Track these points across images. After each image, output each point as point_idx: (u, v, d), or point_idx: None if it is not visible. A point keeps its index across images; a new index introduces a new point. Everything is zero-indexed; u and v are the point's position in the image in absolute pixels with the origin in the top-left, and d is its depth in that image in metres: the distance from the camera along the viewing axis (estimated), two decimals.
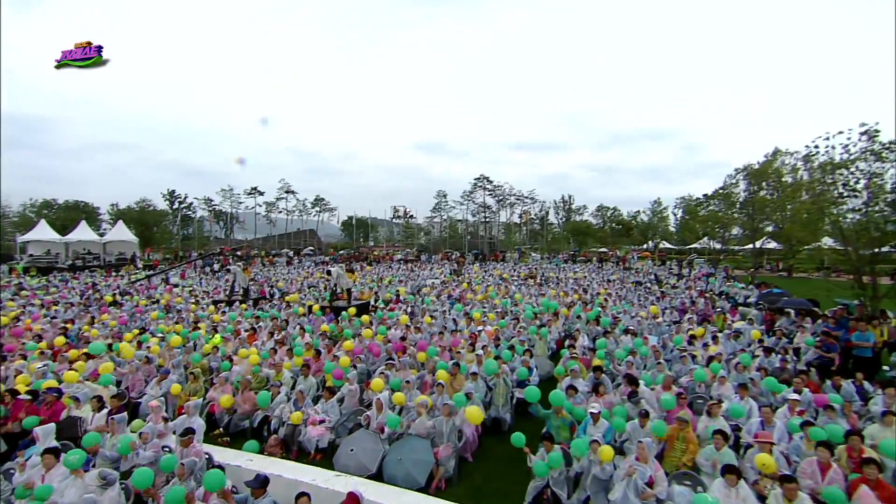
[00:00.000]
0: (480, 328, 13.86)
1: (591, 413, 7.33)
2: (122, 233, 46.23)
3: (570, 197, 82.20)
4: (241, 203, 71.61)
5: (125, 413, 7.06)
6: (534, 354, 11.75)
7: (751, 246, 35.54)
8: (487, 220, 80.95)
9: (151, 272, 33.80)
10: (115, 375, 9.71)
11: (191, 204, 70.92)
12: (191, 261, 41.70)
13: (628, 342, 12.85)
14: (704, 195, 40.07)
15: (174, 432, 7.03)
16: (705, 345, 12.00)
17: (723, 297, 22.65)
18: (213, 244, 63.07)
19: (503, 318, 15.39)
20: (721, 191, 36.22)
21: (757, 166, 31.82)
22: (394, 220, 70.59)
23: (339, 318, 14.52)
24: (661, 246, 55.06)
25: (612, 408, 8.12)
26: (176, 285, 27.15)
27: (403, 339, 12.24)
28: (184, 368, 10.17)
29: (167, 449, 6.51)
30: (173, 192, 69.97)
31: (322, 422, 7.83)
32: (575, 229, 69.65)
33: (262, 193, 71.38)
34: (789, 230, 23.50)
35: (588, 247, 61.92)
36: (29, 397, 8.23)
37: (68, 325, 14.35)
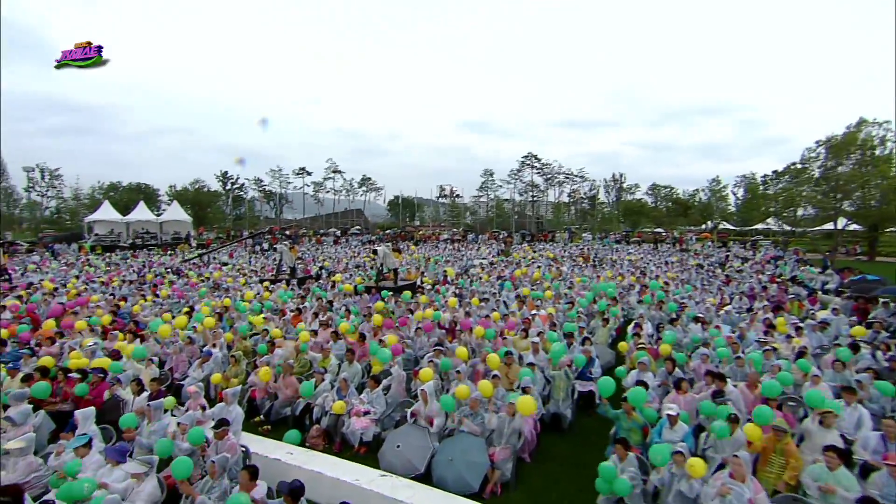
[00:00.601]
0: (534, 312, 12.97)
1: (669, 415, 6.39)
2: (177, 213, 47.90)
3: (621, 175, 78.63)
4: (289, 183, 72.79)
5: (162, 400, 6.69)
6: (593, 343, 10.80)
7: (826, 227, 32.55)
8: (535, 199, 78.89)
9: (204, 251, 34.67)
10: (161, 356, 9.55)
11: (242, 185, 72.73)
12: (241, 240, 42.62)
13: (698, 331, 11.67)
14: (774, 172, 36.92)
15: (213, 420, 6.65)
16: (788, 337, 10.64)
17: (796, 282, 20.65)
18: (263, 224, 64.56)
19: (557, 302, 14.45)
20: (796, 166, 33.09)
21: (840, 139, 28.71)
22: (439, 200, 69.81)
23: (385, 300, 13.97)
24: (721, 227, 51.75)
25: (692, 409, 7.15)
26: (225, 264, 27.61)
27: (454, 323, 11.48)
28: (227, 349, 9.90)
29: (206, 439, 6.11)
30: (226, 173, 71.89)
31: (367, 413, 7.25)
32: (628, 209, 66.61)
33: (309, 174, 72.27)
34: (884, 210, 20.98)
35: (641, 227, 59.19)
36: (79, 376, 8.10)
37: (121, 303, 14.53)
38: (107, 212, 45.11)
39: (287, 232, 46.23)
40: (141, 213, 46.56)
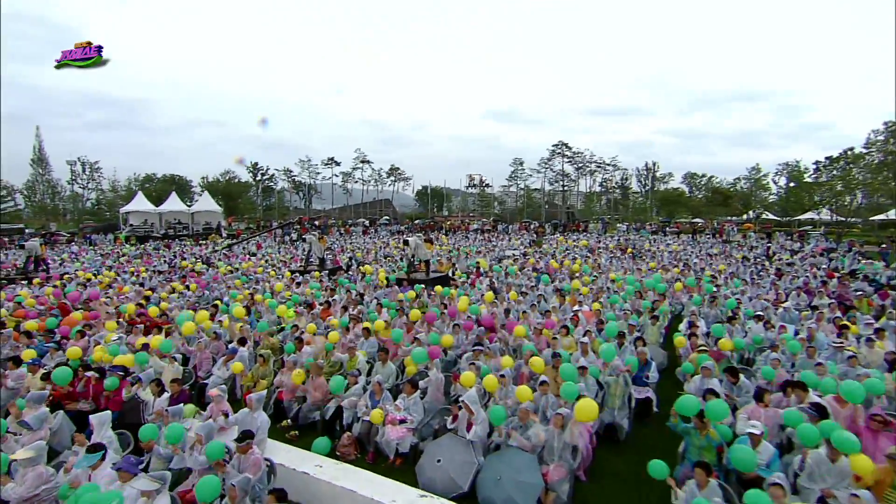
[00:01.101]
0: (577, 308, 12.10)
1: (751, 434, 5.50)
2: (207, 203, 48.39)
3: (654, 164, 76.17)
4: (318, 173, 73.02)
5: (181, 406, 6.15)
6: (646, 342, 9.88)
7: (881, 217, 30.30)
8: (566, 188, 77.16)
9: (234, 241, 34.77)
10: (183, 352, 9.10)
11: (272, 175, 73.30)
12: (270, 230, 42.68)
13: (760, 331, 10.57)
14: (827, 158, 34.63)
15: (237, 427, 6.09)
16: (869, 340, 9.45)
17: (856, 277, 19.03)
18: (292, 214, 64.95)
19: (599, 296, 13.51)
20: (853, 151, 30.78)
21: None
22: (468, 189, 68.83)
23: (417, 293, 13.30)
24: (763, 216, 49.24)
25: (774, 425, 6.23)
26: (253, 255, 27.46)
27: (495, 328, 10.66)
28: (254, 346, 9.39)
29: (227, 451, 5.54)
30: (256, 164, 72.60)
31: (403, 421, 6.58)
32: (665, 198, 64.27)
33: (338, 164, 72.31)
34: None
35: (677, 217, 56.94)
36: (97, 374, 7.68)
37: (149, 293, 14.29)
38: (141, 203, 45.91)
39: (316, 222, 46.11)
40: (173, 203, 47.25)
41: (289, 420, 7.47)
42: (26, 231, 44.12)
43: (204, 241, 36.58)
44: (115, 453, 5.70)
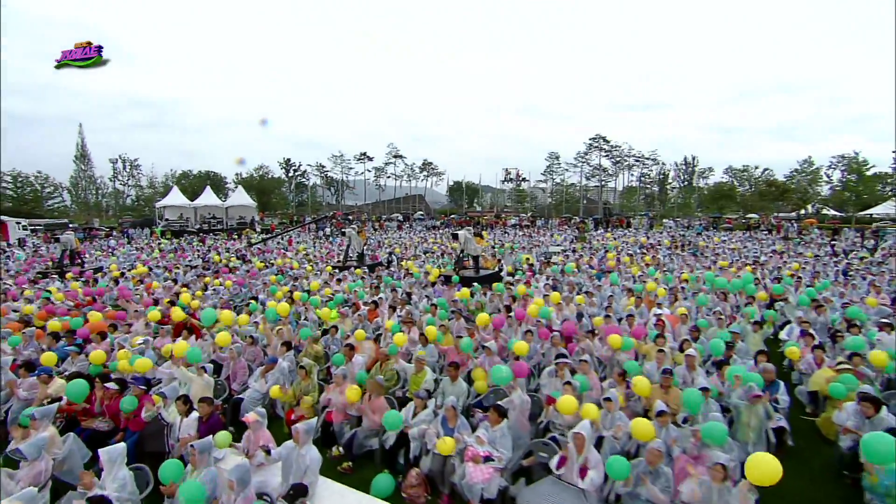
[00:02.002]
0: (658, 311, 10.45)
1: None
2: (241, 198, 48.02)
3: (693, 158, 72.66)
4: (351, 169, 72.39)
5: (210, 439, 4.86)
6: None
7: None
8: (603, 183, 74.49)
9: (268, 235, 34.09)
10: (216, 359, 7.88)
11: (304, 172, 73.13)
12: (304, 224, 41.99)
13: (891, 342, 8.73)
14: None
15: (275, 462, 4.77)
16: None
17: None
18: (324, 210, 64.53)
19: (676, 298, 11.81)
20: None
21: None
22: (504, 184, 66.90)
23: (472, 293, 11.85)
24: (823, 212, 45.80)
25: None
26: (286, 250, 26.58)
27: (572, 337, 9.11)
28: (294, 354, 8.11)
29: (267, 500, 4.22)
30: (288, 160, 72.48)
31: (489, 458, 5.14)
32: (716, 192, 60.87)
33: (370, 159, 71.48)
34: None
35: (728, 212, 53.66)
36: (116, 387, 6.51)
37: (183, 290, 13.27)
38: (176, 197, 45.93)
39: (350, 217, 45.29)
40: (208, 197, 47.18)
41: (340, 448, 6.13)
42: (69, 226, 44.72)
43: (238, 236, 36.04)
44: (130, 497, 4.46)
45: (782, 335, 10.19)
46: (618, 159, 73.71)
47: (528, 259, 20.16)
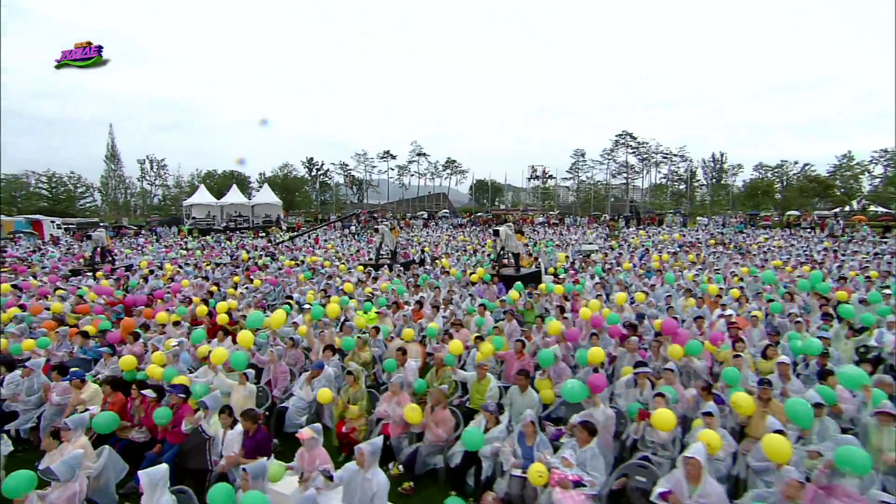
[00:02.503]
0: (726, 313, 9.57)
1: None
2: (267, 196, 47.99)
3: (721, 155, 70.47)
4: (374, 167, 72.19)
5: (265, 462, 4.22)
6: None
7: None
8: (629, 180, 72.89)
9: (295, 233, 33.85)
10: (256, 363, 7.29)
11: (327, 171, 73.21)
12: (329, 223, 41.74)
13: None
14: None
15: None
16: None
17: None
18: (348, 208, 64.44)
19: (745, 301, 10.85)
20: None
21: None
22: (530, 181, 65.72)
23: (520, 293, 11.08)
24: (870, 208, 43.55)
25: None
26: (313, 247, 26.20)
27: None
28: (338, 357, 7.48)
29: None
30: (311, 159, 72.66)
31: (579, 483, 4.40)
32: (754, 188, 58.73)
33: (394, 157, 71.16)
34: None
35: (763, 209, 51.61)
36: (154, 395, 5.96)
37: (214, 289, 12.84)
38: (203, 196, 46.12)
39: (375, 214, 44.88)
40: (234, 196, 47.30)
41: (399, 465, 5.46)
42: (100, 224, 45.39)
43: (264, 234, 35.91)
44: None
45: (871, 341, 9.17)
46: (644, 156, 72.06)
47: (566, 257, 19.33)
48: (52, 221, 42.37)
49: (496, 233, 14.47)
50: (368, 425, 5.94)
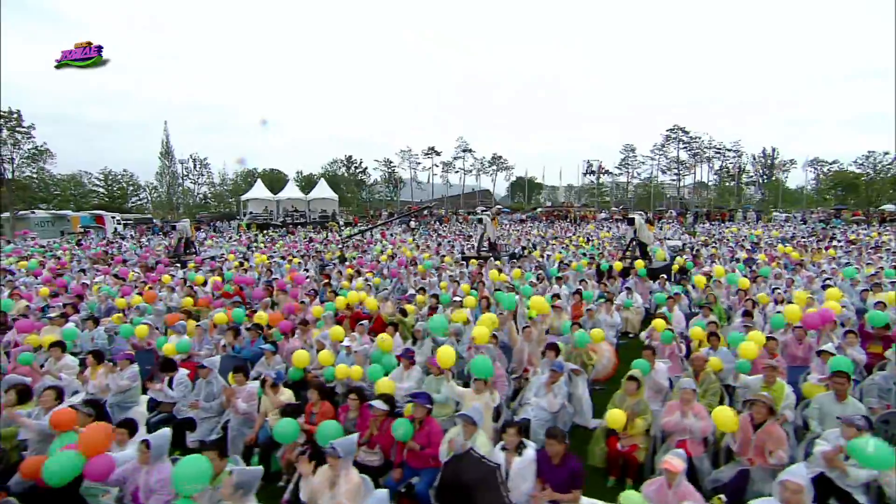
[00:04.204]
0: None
1: None
2: (324, 191, 47.54)
3: (773, 150, 66.90)
4: (418, 164, 71.31)
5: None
6: None
7: None
8: (680, 176, 70.22)
9: (365, 227, 33.20)
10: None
11: (365, 169, 72.67)
12: (388, 222, 40.87)
13: None
14: None
15: None
16: None
17: None
18: (397, 206, 63.97)
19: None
20: None
21: None
22: (585, 176, 63.75)
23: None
24: None
25: None
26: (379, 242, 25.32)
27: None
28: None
29: None
30: (350, 157, 72.37)
31: None
32: (839, 181, 55.25)
33: (438, 153, 70.11)
34: None
35: (850, 203, 48.29)
36: (386, 407, 4.77)
37: (325, 280, 11.89)
38: (259, 191, 46.01)
39: (434, 210, 43.90)
40: (290, 191, 47.15)
41: (721, 497, 4.19)
42: (153, 221, 45.97)
43: (323, 229, 35.46)
44: None
45: None
46: (696, 151, 69.22)
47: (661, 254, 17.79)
48: (113, 217, 43.06)
49: (630, 221, 13.14)
50: (651, 441, 4.73)
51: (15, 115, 42.94)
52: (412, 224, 37.24)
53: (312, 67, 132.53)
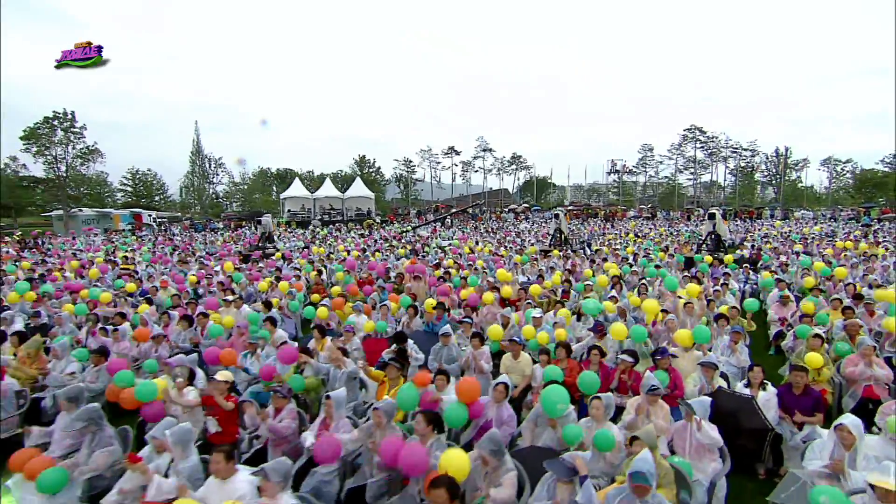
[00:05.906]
0: None
1: None
2: (360, 189, 48.57)
3: (787, 150, 67.81)
4: (438, 163, 72.32)
5: None
6: None
7: None
8: (696, 175, 71.25)
9: (418, 224, 34.26)
10: None
11: (379, 168, 73.43)
12: (431, 222, 41.79)
13: None
14: None
15: None
16: None
17: None
18: (420, 204, 65.02)
19: None
20: None
21: None
22: (609, 175, 64.75)
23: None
24: None
25: None
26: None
27: None
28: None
29: None
30: (363, 157, 73.16)
31: None
32: (865, 180, 56.03)
33: (458, 153, 71.18)
34: None
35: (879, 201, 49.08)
36: None
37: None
38: (297, 189, 47.20)
39: (468, 209, 44.67)
40: (327, 189, 48.27)
41: None
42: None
43: (361, 226, 36.59)
44: None
45: None
46: (712, 150, 70.19)
47: None
48: (150, 215, 44.23)
49: (711, 216, 14.19)
50: (836, 386, 5.81)
51: (69, 117, 44.50)
52: (448, 222, 38.32)
53: (317, 69, 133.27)
